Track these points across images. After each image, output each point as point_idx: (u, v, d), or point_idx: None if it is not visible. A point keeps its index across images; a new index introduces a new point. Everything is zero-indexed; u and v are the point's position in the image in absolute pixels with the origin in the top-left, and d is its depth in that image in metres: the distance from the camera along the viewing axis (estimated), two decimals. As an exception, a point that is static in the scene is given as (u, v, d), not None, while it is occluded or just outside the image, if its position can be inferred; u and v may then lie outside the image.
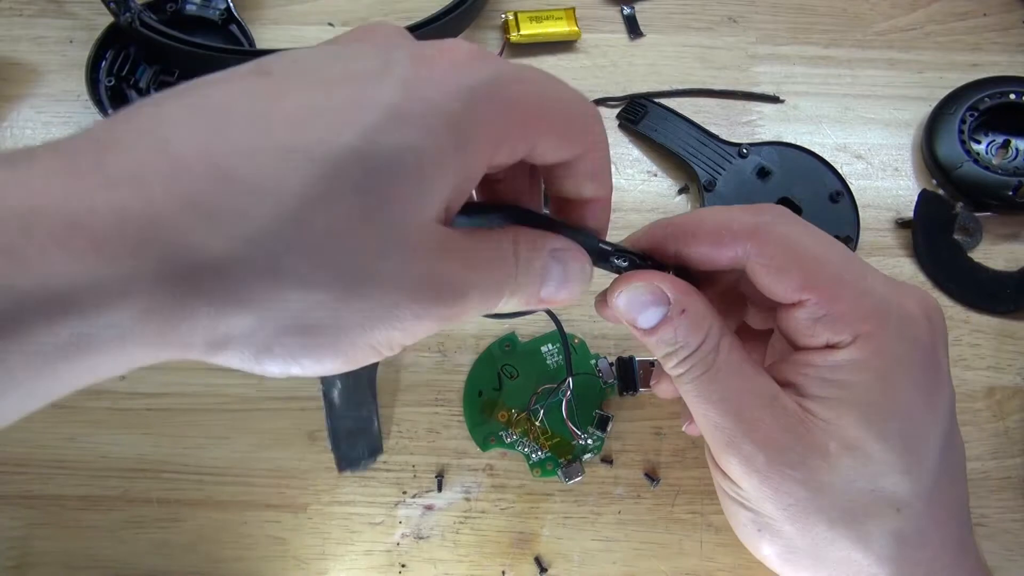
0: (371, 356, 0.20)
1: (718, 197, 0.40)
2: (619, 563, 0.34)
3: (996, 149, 0.42)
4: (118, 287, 0.15)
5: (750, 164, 0.41)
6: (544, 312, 0.29)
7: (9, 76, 0.43)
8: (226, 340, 0.18)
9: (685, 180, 0.42)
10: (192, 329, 0.17)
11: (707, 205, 0.40)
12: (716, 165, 0.41)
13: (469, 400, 0.36)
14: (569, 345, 0.36)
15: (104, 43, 0.41)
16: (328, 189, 0.17)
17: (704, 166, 0.41)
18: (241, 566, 0.34)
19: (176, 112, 0.18)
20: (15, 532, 0.34)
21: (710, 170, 0.40)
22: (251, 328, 0.17)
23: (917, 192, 0.41)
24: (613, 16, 0.46)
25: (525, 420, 0.36)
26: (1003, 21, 0.46)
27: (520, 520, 0.35)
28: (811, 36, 0.46)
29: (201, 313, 0.17)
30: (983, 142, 0.42)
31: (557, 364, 0.37)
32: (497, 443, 0.35)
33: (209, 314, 0.17)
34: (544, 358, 0.37)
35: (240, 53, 0.39)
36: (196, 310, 0.17)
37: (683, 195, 0.41)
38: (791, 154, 0.41)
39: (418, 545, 0.34)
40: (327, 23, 0.45)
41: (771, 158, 0.41)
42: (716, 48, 0.45)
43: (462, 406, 0.36)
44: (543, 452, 0.35)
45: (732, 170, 0.41)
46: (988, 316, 0.39)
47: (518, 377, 0.36)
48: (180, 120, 0.18)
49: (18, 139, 0.42)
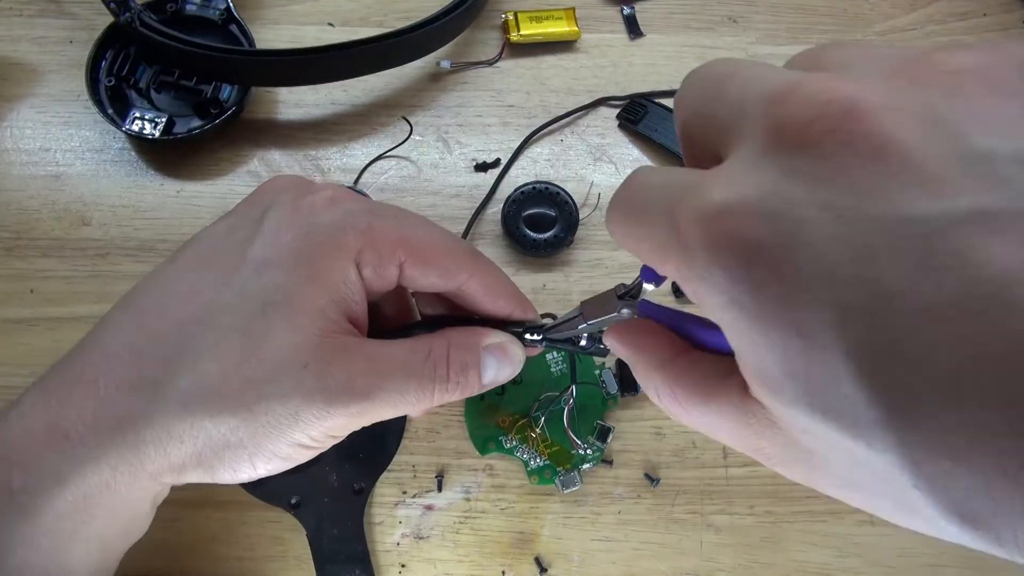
0: (302, 453, 0.25)
1: None
2: (619, 563, 0.34)
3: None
4: (92, 467, 0.23)
5: None
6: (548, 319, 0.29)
7: (9, 76, 0.43)
8: (182, 467, 0.24)
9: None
10: (157, 469, 0.24)
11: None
12: None
13: (471, 403, 0.36)
14: (575, 356, 0.36)
15: (104, 43, 0.41)
16: (215, 342, 0.23)
17: None
18: (241, 566, 0.34)
19: (113, 315, 0.26)
20: (15, 532, 0.34)
21: None
22: (192, 456, 0.23)
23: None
24: (613, 16, 0.46)
25: (525, 426, 0.35)
26: (1003, 21, 0.46)
27: (520, 520, 0.35)
28: (811, 36, 0.46)
29: (153, 456, 0.23)
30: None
31: (561, 372, 0.36)
32: (496, 448, 0.35)
33: (160, 454, 0.23)
34: (549, 365, 0.37)
35: (240, 53, 0.39)
36: (150, 456, 0.23)
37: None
38: None
39: (418, 545, 0.34)
40: (327, 23, 0.45)
41: None
42: (716, 48, 0.45)
43: (463, 408, 0.36)
44: (542, 459, 0.35)
45: None
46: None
47: (521, 383, 0.36)
48: (113, 320, 0.25)
49: (18, 139, 0.42)
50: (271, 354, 0.23)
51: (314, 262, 0.24)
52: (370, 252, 0.25)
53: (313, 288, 0.24)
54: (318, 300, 0.24)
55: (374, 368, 0.24)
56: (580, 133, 0.43)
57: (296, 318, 0.24)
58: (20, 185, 0.40)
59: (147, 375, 0.23)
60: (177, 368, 0.23)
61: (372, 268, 0.26)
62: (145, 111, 0.40)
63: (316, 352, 0.23)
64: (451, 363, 0.26)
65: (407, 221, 0.27)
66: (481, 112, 0.43)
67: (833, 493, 0.17)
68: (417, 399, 0.25)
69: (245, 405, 0.23)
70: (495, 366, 0.27)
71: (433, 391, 0.25)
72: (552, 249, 0.39)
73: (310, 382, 0.23)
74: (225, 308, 0.24)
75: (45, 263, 0.38)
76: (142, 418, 0.23)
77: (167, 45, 0.38)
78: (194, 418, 0.23)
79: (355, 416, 0.24)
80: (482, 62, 0.44)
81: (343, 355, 0.24)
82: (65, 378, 0.25)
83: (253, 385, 0.23)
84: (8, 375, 0.37)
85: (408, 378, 0.25)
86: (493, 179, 0.41)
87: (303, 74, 0.40)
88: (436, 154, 0.42)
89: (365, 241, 0.25)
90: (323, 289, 0.24)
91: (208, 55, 0.38)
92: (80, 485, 0.23)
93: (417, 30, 0.40)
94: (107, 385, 0.24)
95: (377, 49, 0.39)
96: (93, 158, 0.41)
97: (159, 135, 0.39)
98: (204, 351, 0.23)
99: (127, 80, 0.41)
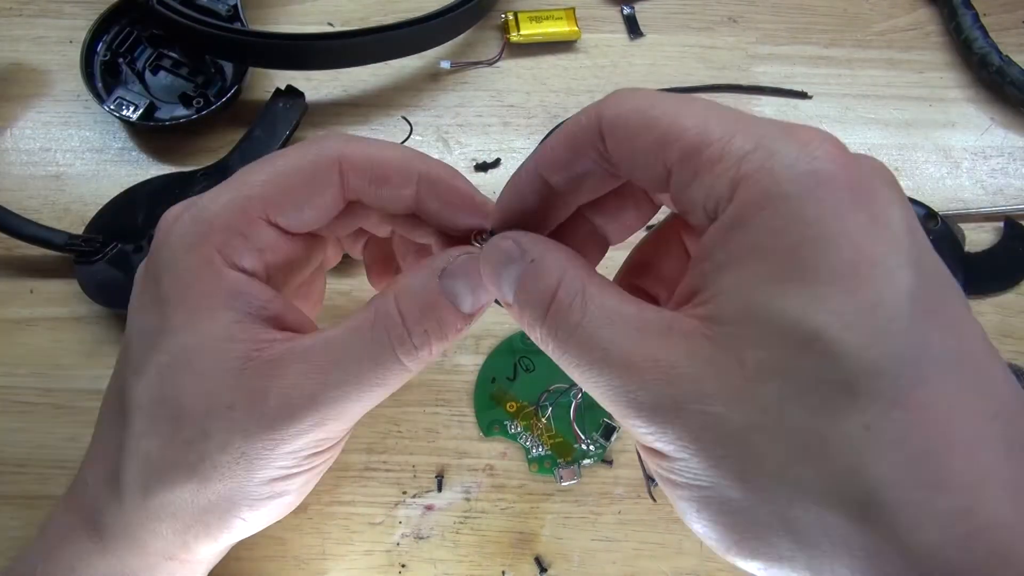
0: (288, 485, 0.23)
1: None
2: (619, 563, 0.34)
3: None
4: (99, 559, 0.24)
5: None
6: None
7: (9, 76, 0.43)
8: (183, 543, 0.24)
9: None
10: (162, 549, 0.24)
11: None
12: None
13: (481, 384, 0.36)
14: None
15: (109, 18, 0.42)
16: (148, 421, 0.23)
17: None
18: (241, 566, 0.34)
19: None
20: (15, 532, 0.34)
21: None
22: (181, 529, 0.23)
23: (916, 192, 0.41)
24: (613, 16, 0.46)
25: (532, 414, 0.36)
26: (1003, 21, 0.46)
27: (520, 520, 0.35)
28: (811, 36, 0.46)
29: (148, 540, 0.24)
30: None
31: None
32: (500, 432, 0.36)
33: (153, 537, 0.23)
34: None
35: (258, 36, 0.39)
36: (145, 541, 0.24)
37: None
38: None
39: (418, 545, 0.34)
40: (327, 23, 0.45)
41: None
42: (716, 48, 0.45)
43: (468, 402, 0.36)
44: (544, 449, 0.35)
45: None
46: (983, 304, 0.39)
47: (534, 371, 0.36)
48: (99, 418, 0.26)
49: (18, 139, 0.42)
50: (192, 411, 0.22)
51: (180, 297, 0.22)
52: (231, 238, 0.22)
53: (194, 323, 0.22)
54: (210, 331, 0.22)
55: (311, 367, 0.21)
56: (580, 133, 0.43)
57: (197, 364, 0.22)
58: (20, 185, 0.40)
59: (109, 466, 0.24)
60: (125, 456, 0.23)
61: (246, 251, 0.23)
62: (130, 93, 0.41)
63: (236, 385, 0.22)
64: (405, 315, 0.22)
65: (253, 171, 0.24)
66: (481, 112, 0.43)
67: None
68: (382, 377, 0.22)
69: (192, 468, 0.22)
70: (467, 288, 0.22)
71: (398, 357, 0.22)
72: (552, 249, 0.39)
73: (243, 418, 0.21)
74: (140, 387, 0.23)
75: (45, 263, 0.38)
76: (118, 509, 0.23)
77: (184, 25, 0.38)
78: (158, 497, 0.23)
79: (314, 428, 0.22)
80: (482, 62, 0.44)
81: (272, 371, 0.22)
82: (78, 482, 0.26)
83: (191, 446, 0.22)
84: (8, 375, 0.37)
85: (357, 360, 0.21)
86: (495, 178, 0.41)
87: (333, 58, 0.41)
88: (436, 154, 0.42)
89: (217, 231, 0.22)
90: (205, 318, 0.22)
91: (229, 37, 0.38)
92: (92, 574, 0.24)
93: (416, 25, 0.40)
94: (93, 482, 0.25)
95: (404, 34, 0.40)
96: (93, 158, 0.41)
97: (137, 119, 0.40)
98: (140, 434, 0.23)
99: (124, 56, 0.42)
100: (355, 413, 0.23)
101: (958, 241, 0.38)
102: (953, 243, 0.38)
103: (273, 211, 0.23)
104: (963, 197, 0.42)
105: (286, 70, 0.42)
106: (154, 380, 0.22)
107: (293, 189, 0.23)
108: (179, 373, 0.22)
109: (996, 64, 0.43)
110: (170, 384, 0.22)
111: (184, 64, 0.42)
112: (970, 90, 0.45)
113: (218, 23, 0.39)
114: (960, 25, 0.45)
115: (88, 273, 0.36)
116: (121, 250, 0.37)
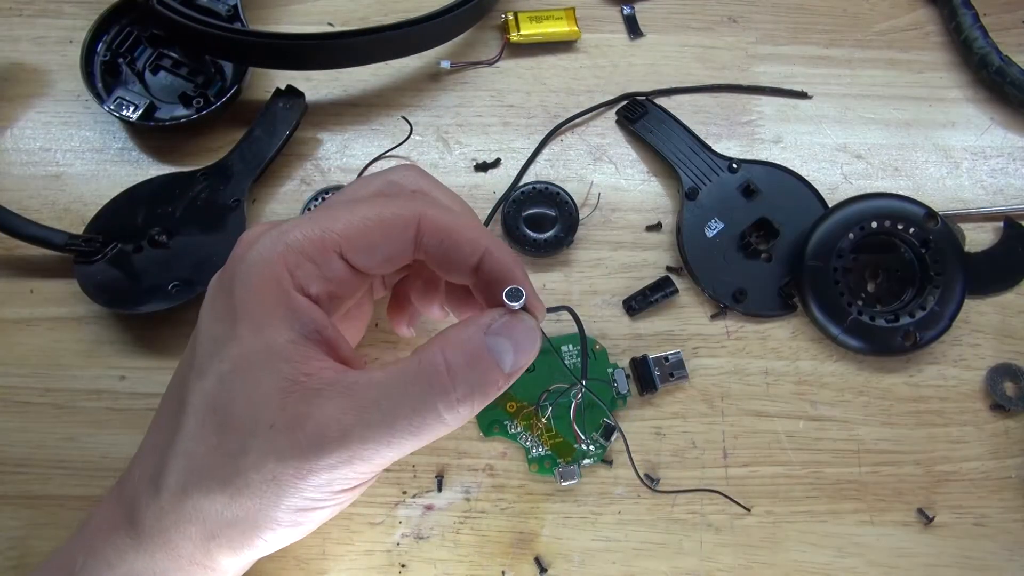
0: (310, 516, 0.24)
1: (699, 207, 0.40)
2: (619, 563, 0.34)
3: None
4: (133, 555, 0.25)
5: (737, 180, 0.40)
6: (567, 313, 0.29)
7: (9, 76, 0.43)
8: (207, 550, 0.24)
9: (677, 187, 0.42)
10: (189, 553, 0.24)
11: (687, 214, 0.39)
12: (703, 175, 0.40)
13: None
14: (589, 349, 0.36)
15: (110, 18, 0.42)
16: (197, 424, 0.23)
17: (691, 174, 0.40)
18: (241, 566, 0.34)
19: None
20: (15, 532, 0.34)
21: (696, 179, 0.40)
22: (207, 535, 0.24)
23: (916, 192, 0.41)
24: (613, 16, 0.46)
25: (532, 414, 0.36)
26: (1003, 21, 0.46)
27: (520, 520, 0.35)
28: (811, 36, 0.46)
29: (177, 541, 0.24)
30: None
31: (575, 366, 0.37)
32: (500, 432, 0.36)
33: (182, 538, 0.24)
34: (563, 357, 0.37)
35: (258, 36, 0.39)
36: (174, 541, 0.24)
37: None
38: (782, 177, 0.41)
39: (418, 545, 0.34)
40: (327, 23, 0.45)
41: (760, 177, 0.40)
42: (716, 48, 0.45)
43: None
44: (544, 449, 0.35)
45: (718, 182, 0.40)
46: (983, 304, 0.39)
47: (534, 371, 0.36)
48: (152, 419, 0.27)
49: (18, 139, 0.42)
50: (239, 423, 0.22)
51: (248, 309, 0.23)
52: (305, 263, 0.24)
53: (257, 337, 0.23)
54: (269, 347, 0.23)
55: (351, 404, 0.22)
56: (580, 133, 0.43)
57: (251, 376, 0.22)
58: (20, 185, 0.40)
59: (157, 463, 0.24)
60: (173, 455, 0.24)
61: (315, 278, 0.24)
62: (130, 93, 0.41)
63: (282, 405, 0.22)
64: (451, 366, 0.22)
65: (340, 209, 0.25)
66: (481, 112, 0.43)
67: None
68: (417, 427, 0.22)
69: (227, 480, 0.23)
70: (510, 348, 0.23)
71: (438, 408, 0.22)
72: (552, 249, 0.39)
73: (281, 441, 0.22)
74: (198, 389, 0.24)
75: (45, 263, 0.38)
76: (156, 506, 0.24)
77: (184, 26, 0.38)
78: (192, 500, 0.23)
79: (342, 465, 0.22)
80: (482, 62, 0.44)
81: (314, 399, 0.22)
82: (127, 475, 0.27)
83: (232, 459, 0.22)
84: (8, 375, 0.37)
85: (397, 405, 0.22)
86: (495, 178, 0.41)
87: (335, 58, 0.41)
88: (436, 154, 0.42)
89: (292, 254, 0.24)
90: (268, 333, 0.23)
91: (229, 37, 0.38)
92: (127, 572, 0.25)
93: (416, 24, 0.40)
94: (140, 480, 0.25)
95: (404, 34, 0.40)
96: (93, 158, 0.41)
97: (137, 119, 0.40)
98: (190, 436, 0.23)
99: (124, 56, 0.42)
100: (384, 458, 0.23)
101: (958, 241, 0.38)
102: (953, 243, 0.38)
103: (349, 250, 0.24)
104: (963, 197, 0.42)
105: (286, 70, 0.42)
106: (212, 385, 0.23)
107: (372, 235, 0.24)
108: (235, 382, 0.23)
109: (996, 64, 0.43)
110: (226, 392, 0.23)
111: (184, 64, 0.42)
112: (970, 90, 0.45)
113: (218, 23, 0.39)
114: (960, 25, 0.45)
115: (88, 273, 0.36)
116: (121, 250, 0.37)
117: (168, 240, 0.37)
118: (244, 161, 0.40)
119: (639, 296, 0.38)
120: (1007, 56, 0.43)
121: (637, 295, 0.38)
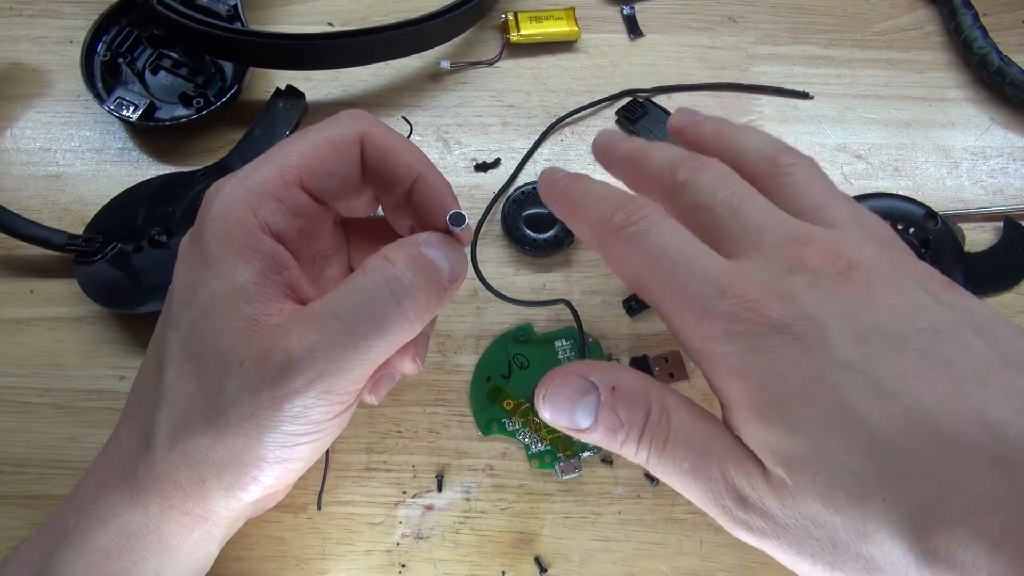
0: (299, 451, 0.24)
1: None
2: (619, 563, 0.34)
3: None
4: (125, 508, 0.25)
5: None
6: (566, 306, 0.30)
7: (9, 76, 0.43)
8: (200, 496, 0.24)
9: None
10: (181, 502, 0.25)
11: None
12: None
13: (477, 383, 0.36)
14: (584, 342, 0.36)
15: (109, 17, 0.42)
16: (177, 374, 0.24)
17: None
18: (241, 566, 0.34)
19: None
20: (15, 532, 0.34)
21: None
22: (199, 481, 0.24)
23: (916, 192, 0.41)
24: (613, 16, 0.46)
25: (529, 411, 0.36)
26: (1003, 21, 0.46)
27: (520, 520, 0.35)
28: (811, 36, 0.46)
29: (170, 491, 0.24)
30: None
31: (568, 359, 0.37)
32: (499, 430, 0.36)
33: (173, 487, 0.24)
34: (557, 352, 0.37)
35: (258, 36, 0.39)
36: (167, 491, 0.24)
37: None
38: None
39: (418, 545, 0.34)
40: (327, 23, 0.45)
41: None
42: (716, 48, 0.45)
43: (467, 395, 0.36)
44: (543, 444, 0.35)
45: None
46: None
47: (529, 367, 0.36)
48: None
49: (18, 139, 0.42)
50: (212, 366, 0.23)
51: (215, 256, 0.24)
52: (268, 202, 0.24)
53: (221, 281, 0.23)
54: (232, 288, 0.23)
55: (312, 325, 0.23)
56: (580, 133, 0.43)
57: (218, 319, 0.23)
58: (20, 185, 0.40)
59: (145, 420, 0.25)
60: (158, 407, 0.24)
61: (281, 215, 0.25)
62: (130, 93, 0.41)
63: (250, 342, 0.23)
64: (395, 262, 0.24)
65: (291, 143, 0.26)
66: (481, 112, 0.43)
67: (788, 563, 0.21)
68: (379, 323, 0.23)
69: (209, 422, 0.23)
70: (444, 258, 0.25)
71: (394, 299, 0.23)
72: (552, 249, 0.39)
73: (252, 376, 0.23)
74: (173, 340, 0.24)
75: (45, 263, 0.39)
76: (148, 460, 0.24)
77: (184, 26, 0.38)
78: (179, 447, 0.24)
79: (315, 383, 0.23)
80: (482, 62, 0.44)
81: (277, 332, 0.23)
82: (115, 436, 0.27)
83: (210, 401, 0.23)
84: (8, 375, 0.37)
85: (353, 307, 0.23)
86: (495, 178, 0.41)
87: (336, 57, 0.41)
88: (436, 154, 0.42)
89: (255, 195, 0.24)
90: (230, 275, 0.23)
91: (228, 36, 0.38)
92: (120, 525, 0.25)
93: (417, 24, 0.40)
94: (128, 437, 0.26)
95: (404, 34, 0.40)
96: (93, 158, 0.41)
97: (137, 119, 0.40)
98: (171, 386, 0.24)
99: (124, 56, 0.42)
100: (354, 368, 0.23)
101: (958, 241, 0.38)
102: (953, 243, 0.38)
103: (307, 177, 0.25)
104: (963, 197, 0.42)
105: (286, 70, 0.42)
106: (185, 333, 0.24)
107: (327, 158, 0.26)
108: (204, 327, 0.23)
109: (996, 64, 0.43)
110: (198, 338, 0.24)
111: (184, 64, 0.42)
112: (970, 90, 0.45)
113: (218, 23, 0.39)
114: (960, 25, 0.45)
115: (88, 273, 0.36)
116: (121, 250, 0.37)
117: (168, 240, 0.37)
118: (244, 161, 0.39)
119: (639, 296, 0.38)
120: (1007, 56, 0.43)
121: (637, 295, 0.39)
